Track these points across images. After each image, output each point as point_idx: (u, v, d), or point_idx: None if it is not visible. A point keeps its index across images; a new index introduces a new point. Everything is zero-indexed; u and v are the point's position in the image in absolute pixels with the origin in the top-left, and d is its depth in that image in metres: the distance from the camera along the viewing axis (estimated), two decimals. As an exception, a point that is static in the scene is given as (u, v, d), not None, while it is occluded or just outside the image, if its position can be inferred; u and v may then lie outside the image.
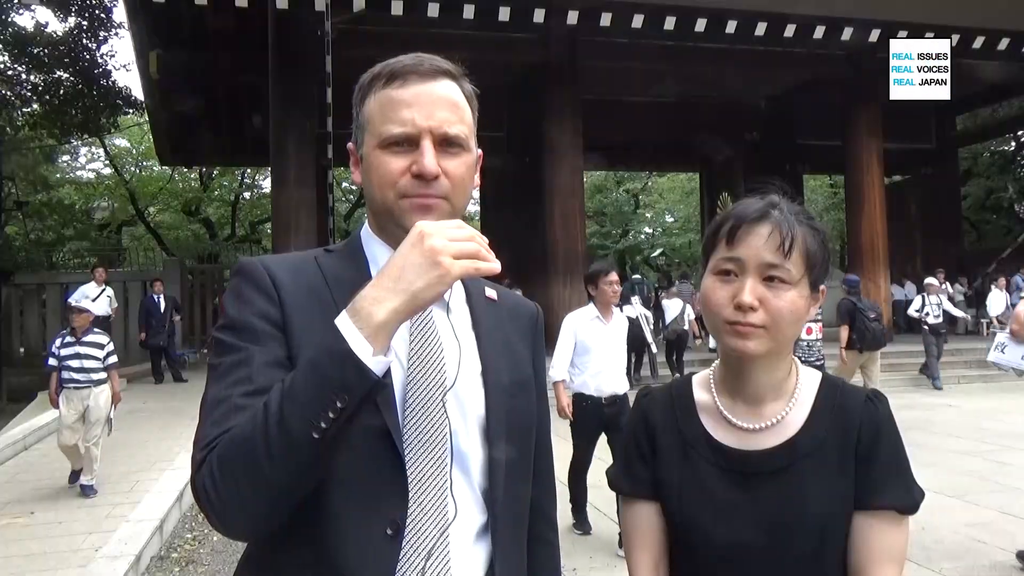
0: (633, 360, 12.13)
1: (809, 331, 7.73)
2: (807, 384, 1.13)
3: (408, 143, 0.99)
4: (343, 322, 0.84)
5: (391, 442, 0.92)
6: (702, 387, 1.18)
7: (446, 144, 1.00)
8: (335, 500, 0.90)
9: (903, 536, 1.07)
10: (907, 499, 1.06)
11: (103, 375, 5.97)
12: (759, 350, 1.05)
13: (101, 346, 6.01)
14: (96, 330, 6.22)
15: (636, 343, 11.62)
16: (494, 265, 0.88)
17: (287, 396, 0.82)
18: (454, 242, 0.86)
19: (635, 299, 15.03)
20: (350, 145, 1.08)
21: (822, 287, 1.10)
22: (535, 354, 1.19)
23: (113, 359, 6.09)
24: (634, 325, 12.95)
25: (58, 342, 6.01)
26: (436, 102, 0.99)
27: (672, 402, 1.19)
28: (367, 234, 1.08)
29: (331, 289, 0.99)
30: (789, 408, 1.10)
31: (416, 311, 0.86)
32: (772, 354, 1.08)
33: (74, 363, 5.84)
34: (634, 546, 1.19)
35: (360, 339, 0.82)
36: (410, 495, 0.93)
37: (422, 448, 0.94)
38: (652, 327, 12.57)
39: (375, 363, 0.82)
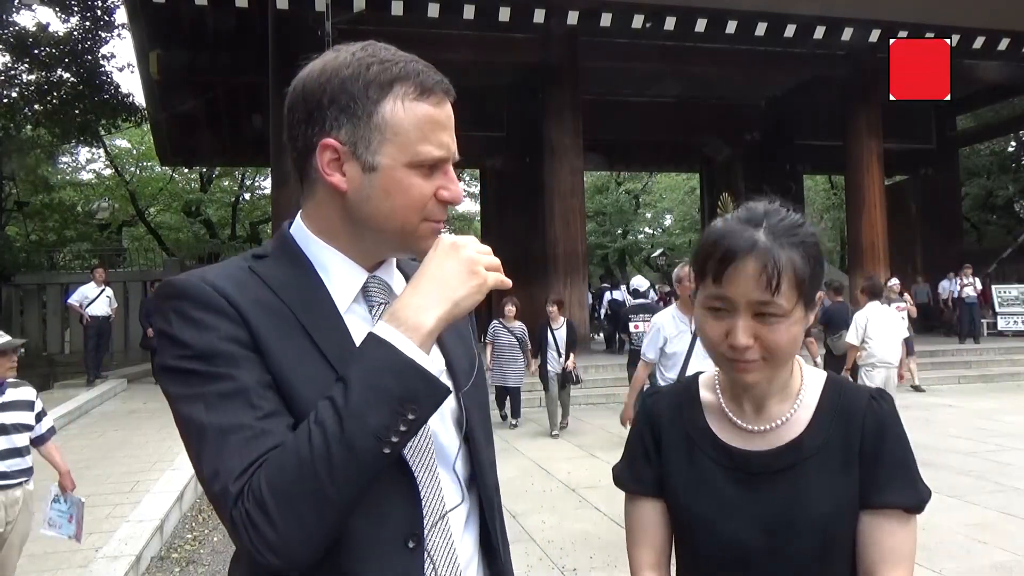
0: (617, 337, 13.52)
1: (636, 327, 7.57)
2: (811, 384, 1.13)
3: (436, 166, 0.95)
4: (390, 333, 0.83)
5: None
6: (707, 387, 1.19)
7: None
8: (353, 516, 0.86)
9: (911, 535, 1.06)
10: (913, 497, 1.05)
11: (29, 460, 3.52)
12: (760, 380, 1.06)
13: (31, 405, 3.57)
14: (12, 380, 3.54)
15: (620, 320, 12.18)
16: (507, 280, 0.91)
17: (349, 415, 0.79)
18: (483, 254, 0.89)
19: (623, 287, 15.91)
20: (333, 141, 0.92)
21: (819, 294, 1.08)
22: (472, 333, 1.19)
23: (49, 423, 3.69)
24: (620, 305, 13.62)
25: None
26: (453, 125, 0.98)
27: (678, 401, 1.20)
28: (305, 236, 0.98)
29: (281, 298, 0.92)
30: (793, 410, 1.10)
31: (455, 320, 0.88)
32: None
33: None
34: (636, 543, 1.19)
35: (415, 349, 0.82)
36: (423, 503, 0.92)
37: (418, 452, 0.94)
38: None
39: (438, 372, 0.83)
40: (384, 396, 0.80)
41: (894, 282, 11.63)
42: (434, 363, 0.84)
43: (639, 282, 9.39)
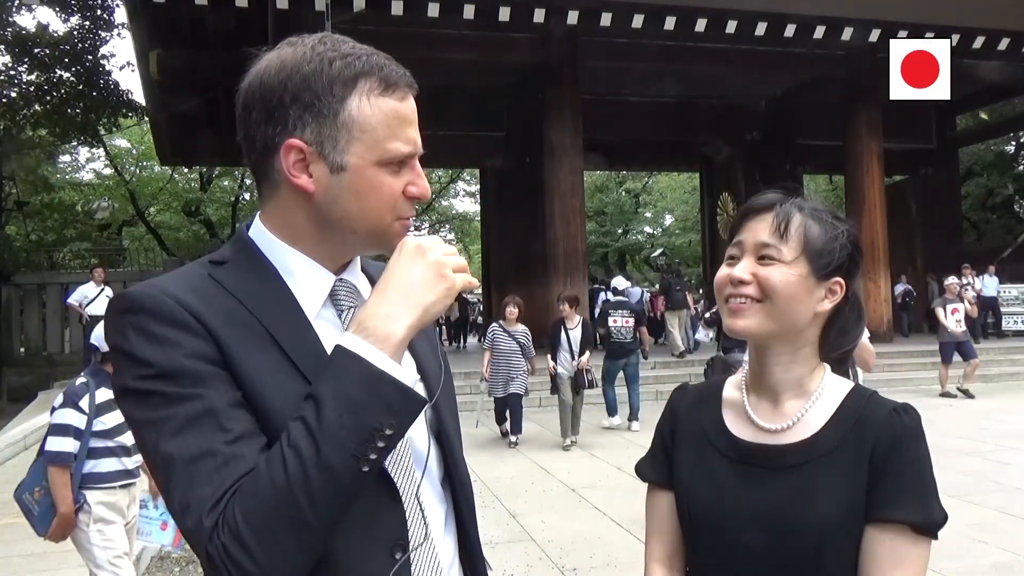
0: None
1: (628, 322, 8.42)
2: (833, 389, 1.12)
3: (404, 163, 0.92)
4: (359, 345, 0.80)
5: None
6: (734, 385, 1.20)
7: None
8: (338, 533, 0.83)
9: (917, 556, 1.01)
10: (922, 516, 1.01)
11: None
12: (751, 326, 1.07)
13: None
14: None
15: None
16: (475, 280, 0.90)
17: (323, 435, 0.75)
18: (449, 256, 0.86)
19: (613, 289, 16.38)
20: (297, 142, 0.87)
21: (838, 279, 1.08)
22: (435, 331, 1.17)
23: None
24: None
25: (85, 400, 3.09)
26: (417, 119, 0.94)
27: (700, 396, 1.22)
28: (267, 239, 0.94)
29: (247, 308, 0.87)
30: (808, 408, 1.10)
31: (424, 327, 0.85)
32: (778, 340, 1.09)
33: (128, 436, 3.12)
34: (650, 535, 1.21)
35: (388, 360, 0.79)
36: (406, 512, 0.90)
37: (394, 459, 0.91)
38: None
39: (412, 382, 0.81)
40: (359, 413, 0.76)
41: (951, 281, 11.01)
42: (407, 373, 0.82)
43: (619, 282, 9.97)
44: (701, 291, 17.61)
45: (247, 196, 27.68)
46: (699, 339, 13.92)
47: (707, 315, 9.93)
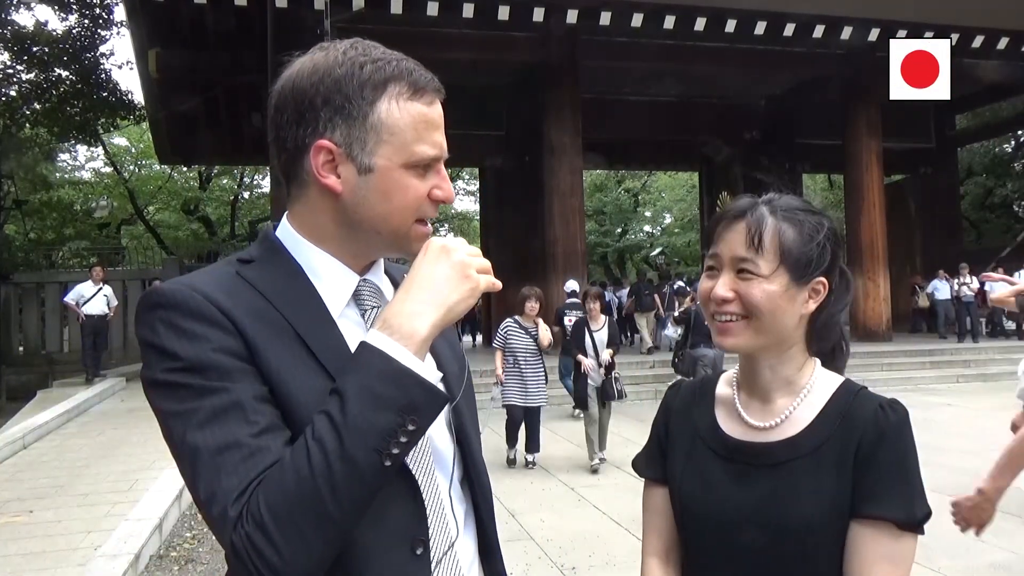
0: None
1: (569, 320, 8.67)
2: (823, 385, 1.12)
3: (430, 166, 0.94)
4: (384, 341, 0.81)
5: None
6: (726, 382, 1.21)
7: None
8: (359, 527, 0.84)
9: (901, 551, 1.01)
10: (905, 512, 1.00)
11: None
12: (740, 344, 1.08)
13: None
14: None
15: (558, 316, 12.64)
16: (498, 282, 0.90)
17: (346, 428, 0.77)
18: (473, 257, 0.88)
19: (611, 289, 17.04)
20: (327, 143, 0.90)
21: (820, 279, 1.08)
22: (456, 334, 1.18)
23: None
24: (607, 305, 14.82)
25: None
26: (443, 123, 0.96)
27: (693, 393, 1.23)
28: (294, 239, 0.96)
29: (273, 305, 0.89)
30: (796, 404, 1.10)
31: (447, 325, 0.87)
32: (768, 348, 1.09)
33: None
34: (647, 530, 1.22)
35: (411, 357, 0.81)
36: (427, 509, 0.92)
37: (415, 458, 0.92)
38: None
39: (436, 379, 0.82)
40: (382, 407, 0.78)
41: None
42: (430, 370, 0.83)
43: (571, 284, 10.56)
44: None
45: (246, 195, 27.70)
46: (668, 335, 14.24)
47: (676, 314, 10.62)
